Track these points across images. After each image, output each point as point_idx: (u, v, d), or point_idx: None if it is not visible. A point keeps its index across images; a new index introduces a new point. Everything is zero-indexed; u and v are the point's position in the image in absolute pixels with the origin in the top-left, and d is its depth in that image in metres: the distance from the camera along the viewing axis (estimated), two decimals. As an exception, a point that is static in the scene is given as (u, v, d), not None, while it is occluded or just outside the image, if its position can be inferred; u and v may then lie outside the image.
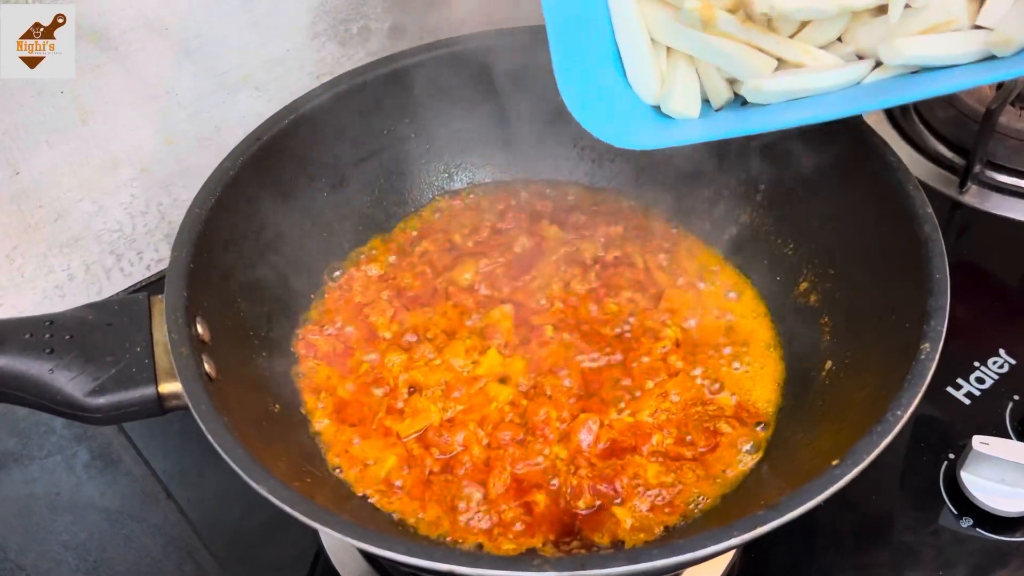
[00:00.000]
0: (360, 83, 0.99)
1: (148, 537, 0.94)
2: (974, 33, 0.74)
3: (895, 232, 0.82)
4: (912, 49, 0.75)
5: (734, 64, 0.80)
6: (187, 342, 0.75)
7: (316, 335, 0.93)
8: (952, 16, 0.74)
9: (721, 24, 0.78)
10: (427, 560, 0.63)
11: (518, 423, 0.86)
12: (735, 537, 0.63)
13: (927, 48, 0.75)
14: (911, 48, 0.75)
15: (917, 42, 0.75)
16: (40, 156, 1.00)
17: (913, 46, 0.75)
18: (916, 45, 0.75)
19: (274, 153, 0.92)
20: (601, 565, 0.61)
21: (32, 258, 1.06)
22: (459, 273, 0.97)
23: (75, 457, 1.01)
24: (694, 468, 0.83)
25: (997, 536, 0.90)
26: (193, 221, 0.83)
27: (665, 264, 0.99)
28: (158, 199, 1.12)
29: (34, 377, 0.74)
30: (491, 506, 0.81)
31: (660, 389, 0.88)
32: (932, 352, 0.72)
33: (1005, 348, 1.03)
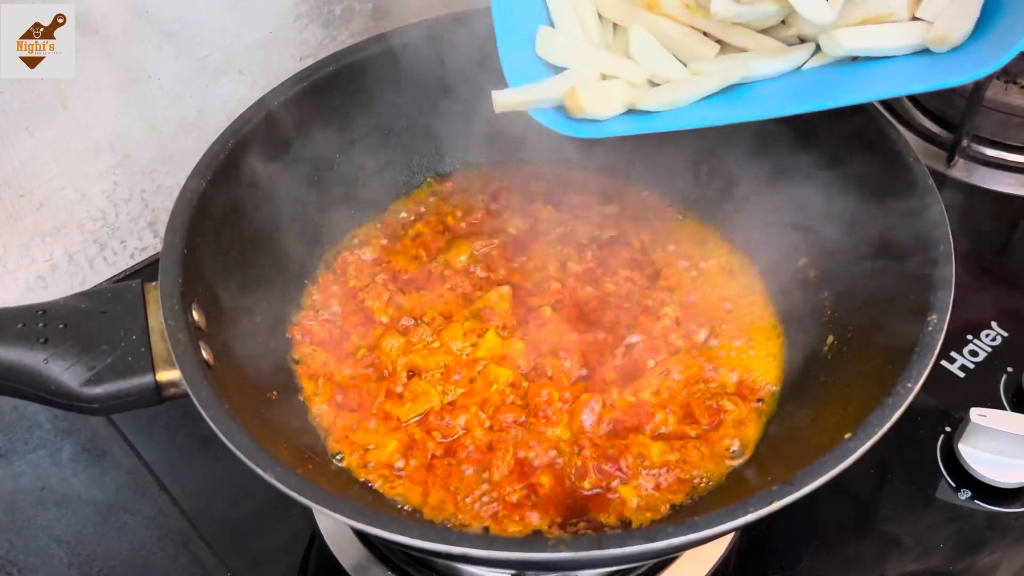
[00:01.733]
0: (347, 65, 0.97)
1: (142, 529, 0.92)
2: (913, 25, 0.76)
3: (895, 205, 0.82)
4: (852, 41, 0.76)
5: (677, 45, 0.82)
6: (184, 328, 0.73)
7: (311, 320, 0.92)
8: (892, 8, 0.76)
9: (665, 6, 0.81)
10: (441, 544, 0.62)
11: (519, 405, 0.85)
12: (751, 513, 0.63)
13: (866, 40, 0.77)
14: (851, 40, 0.76)
15: (856, 33, 0.76)
16: (21, 143, 0.98)
17: (852, 38, 0.76)
18: (855, 37, 0.76)
19: (263, 137, 0.91)
20: (619, 544, 0.61)
21: (14, 248, 1.04)
22: (454, 255, 0.96)
23: (62, 451, 0.99)
24: (698, 446, 0.82)
25: (995, 507, 0.90)
26: (185, 205, 0.81)
27: (661, 243, 0.98)
28: (141, 186, 1.10)
29: (28, 368, 0.72)
30: (495, 489, 0.80)
31: (661, 368, 0.87)
32: (940, 322, 0.72)
33: (997, 321, 1.04)
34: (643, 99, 0.79)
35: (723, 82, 0.79)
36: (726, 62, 0.81)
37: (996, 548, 0.89)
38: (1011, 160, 1.18)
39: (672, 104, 0.79)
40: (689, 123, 0.78)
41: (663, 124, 0.79)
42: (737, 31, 0.81)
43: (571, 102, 0.79)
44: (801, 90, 0.78)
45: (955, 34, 0.74)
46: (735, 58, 0.81)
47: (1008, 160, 1.18)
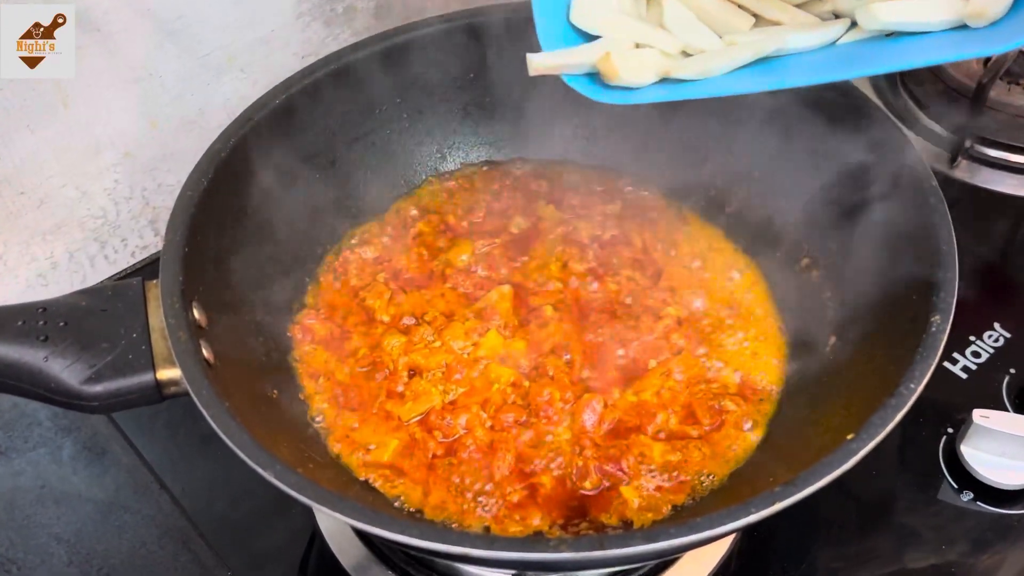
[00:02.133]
0: (349, 63, 0.97)
1: (142, 527, 0.92)
2: (950, 0, 0.74)
3: (898, 205, 0.81)
4: (888, 15, 0.75)
5: (712, 18, 0.81)
6: (185, 327, 0.73)
7: (312, 319, 0.92)
8: None
9: None
10: (441, 544, 0.62)
11: (521, 405, 0.85)
12: (753, 514, 0.62)
13: (903, 14, 0.75)
14: (887, 14, 0.74)
15: (893, 7, 0.75)
16: (22, 141, 0.98)
17: (889, 12, 0.74)
18: (892, 11, 0.75)
19: (264, 135, 0.91)
20: (620, 544, 0.60)
21: (14, 246, 1.04)
22: (455, 254, 0.96)
23: (62, 449, 0.99)
24: (700, 446, 0.82)
25: (998, 509, 0.90)
26: (186, 203, 0.81)
27: (664, 242, 0.98)
28: (142, 184, 1.10)
29: (28, 365, 0.72)
30: (496, 489, 0.80)
31: (663, 368, 0.87)
32: (943, 324, 0.72)
33: (1000, 322, 1.04)
34: (677, 68, 0.78)
35: (758, 53, 0.77)
36: (761, 34, 0.79)
37: (998, 550, 0.88)
38: (1014, 161, 1.18)
39: (705, 73, 0.77)
40: (722, 91, 0.77)
41: (696, 92, 0.77)
42: (773, 4, 0.79)
43: (605, 67, 0.77)
44: (835, 60, 0.76)
45: (993, 9, 0.72)
46: (770, 31, 0.79)
47: (1011, 161, 1.17)
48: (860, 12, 0.76)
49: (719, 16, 0.80)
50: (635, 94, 0.78)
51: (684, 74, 0.77)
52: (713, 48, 0.79)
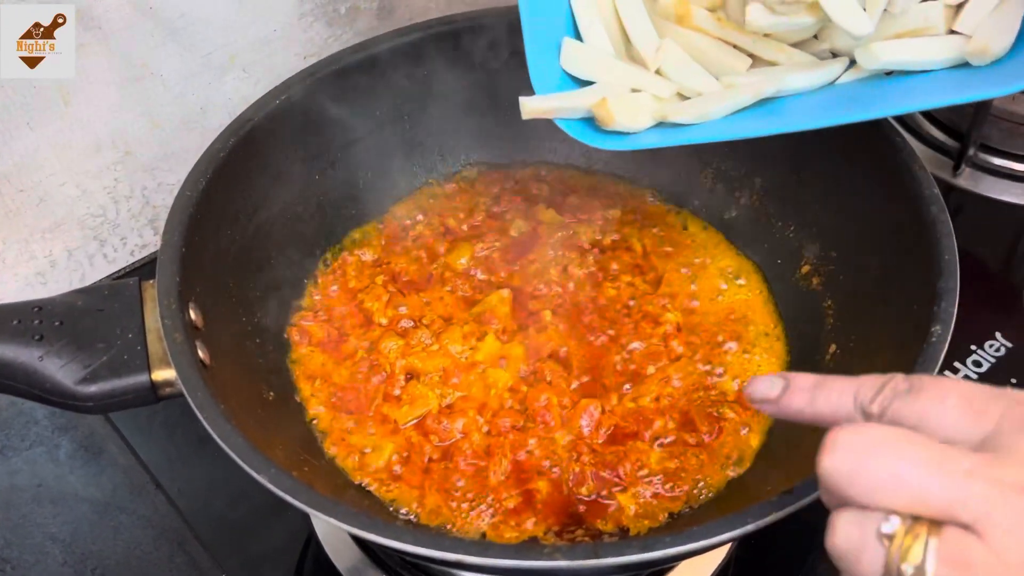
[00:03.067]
0: (350, 64, 0.97)
1: (137, 528, 0.92)
2: (950, 38, 0.74)
3: (900, 214, 0.81)
4: (888, 54, 0.75)
5: (708, 59, 0.80)
6: (181, 328, 0.73)
7: (310, 321, 0.92)
8: (930, 22, 0.74)
9: (697, 20, 0.79)
10: (436, 550, 0.61)
11: (518, 410, 0.85)
12: (750, 524, 0.62)
13: (903, 53, 0.75)
14: (887, 53, 0.75)
15: (893, 47, 0.75)
16: (22, 139, 0.98)
17: (889, 51, 0.75)
18: (892, 50, 0.75)
19: (264, 135, 0.90)
20: (615, 553, 0.60)
21: (13, 244, 1.04)
22: (455, 258, 0.96)
23: (59, 448, 0.99)
24: (698, 454, 0.82)
25: (996, 519, 0.89)
26: (184, 203, 0.81)
27: (664, 248, 0.97)
28: (142, 183, 1.10)
29: (23, 365, 0.72)
30: (492, 494, 0.80)
31: (662, 374, 0.87)
32: (944, 334, 0.71)
33: (1002, 332, 1.03)
34: (673, 112, 0.78)
35: (756, 95, 0.77)
36: (759, 75, 0.79)
37: (996, 561, 0.88)
38: (1018, 169, 1.17)
39: (703, 117, 0.77)
40: (720, 135, 0.77)
41: (693, 136, 0.77)
42: (769, 45, 0.79)
43: (601, 112, 0.77)
44: (835, 103, 0.75)
45: (995, 47, 0.72)
46: (768, 71, 0.79)
47: (1015, 169, 1.17)
48: (860, 51, 0.76)
49: (715, 57, 0.80)
50: (631, 140, 0.78)
51: (681, 118, 0.77)
52: (709, 90, 0.79)
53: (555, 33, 0.84)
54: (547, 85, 0.81)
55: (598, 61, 0.81)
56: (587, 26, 0.83)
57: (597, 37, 0.83)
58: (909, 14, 0.74)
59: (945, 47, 0.74)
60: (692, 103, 0.78)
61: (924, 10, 0.74)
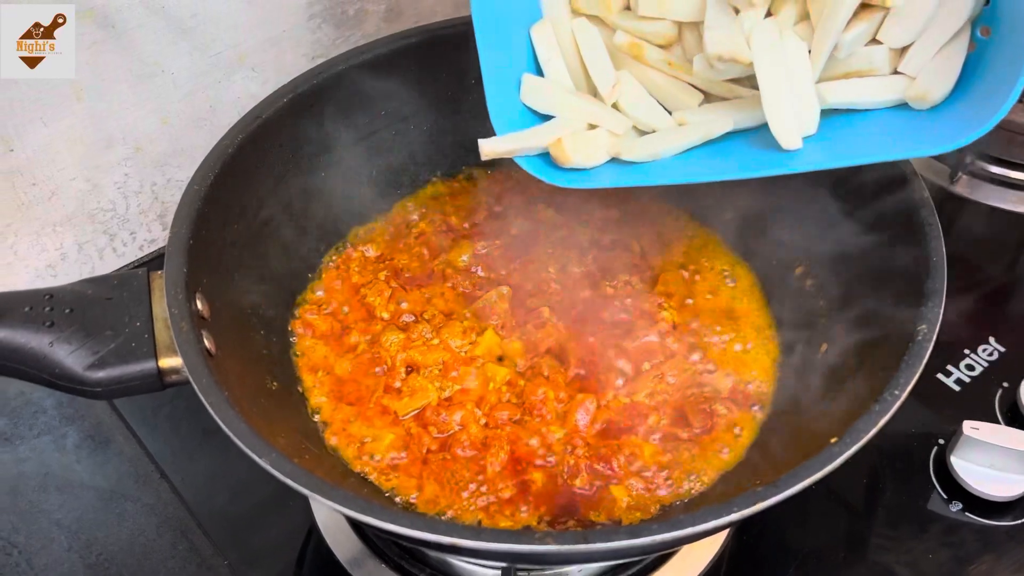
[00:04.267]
0: (355, 65, 0.98)
1: (141, 516, 0.93)
2: (894, 78, 0.78)
3: (892, 217, 0.82)
4: (834, 96, 0.78)
5: (662, 93, 0.84)
6: (187, 317, 0.75)
7: (313, 314, 0.93)
8: (874, 64, 0.78)
9: (649, 57, 0.83)
10: (431, 534, 0.63)
11: (515, 403, 0.86)
12: (735, 513, 0.63)
13: (848, 94, 0.78)
14: (834, 95, 0.78)
15: (839, 88, 0.78)
16: (35, 133, 1.00)
17: (836, 92, 0.78)
18: (838, 92, 0.78)
19: (272, 132, 0.92)
20: (604, 539, 0.61)
21: (25, 236, 1.06)
22: (456, 255, 0.98)
23: (66, 437, 1.00)
24: (690, 448, 0.83)
25: (986, 520, 0.91)
26: (192, 197, 0.83)
27: (661, 248, 0.99)
28: (152, 179, 1.12)
29: (34, 350, 0.73)
30: (488, 484, 0.81)
31: (656, 371, 0.88)
32: (929, 333, 0.72)
33: (995, 336, 1.05)
34: (626, 151, 0.81)
35: (705, 135, 0.81)
36: (710, 112, 0.82)
37: (985, 561, 0.89)
38: (1014, 177, 1.18)
39: (656, 156, 0.81)
40: (674, 179, 0.80)
41: (648, 178, 0.81)
42: (720, 84, 0.82)
43: (557, 153, 0.81)
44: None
45: (934, 93, 0.76)
46: (719, 107, 0.82)
47: (1011, 177, 1.18)
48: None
49: (669, 92, 0.84)
50: (588, 179, 0.81)
51: (633, 157, 0.81)
52: (662, 126, 0.82)
53: (514, 69, 0.86)
54: (507, 123, 0.84)
55: (557, 96, 0.84)
56: (547, 59, 0.86)
57: (557, 71, 0.86)
58: (854, 57, 0.78)
59: (888, 87, 0.78)
60: (644, 142, 0.82)
61: (868, 53, 0.78)
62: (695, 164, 0.80)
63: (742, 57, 0.76)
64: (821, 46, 0.76)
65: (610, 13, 0.84)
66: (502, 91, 0.85)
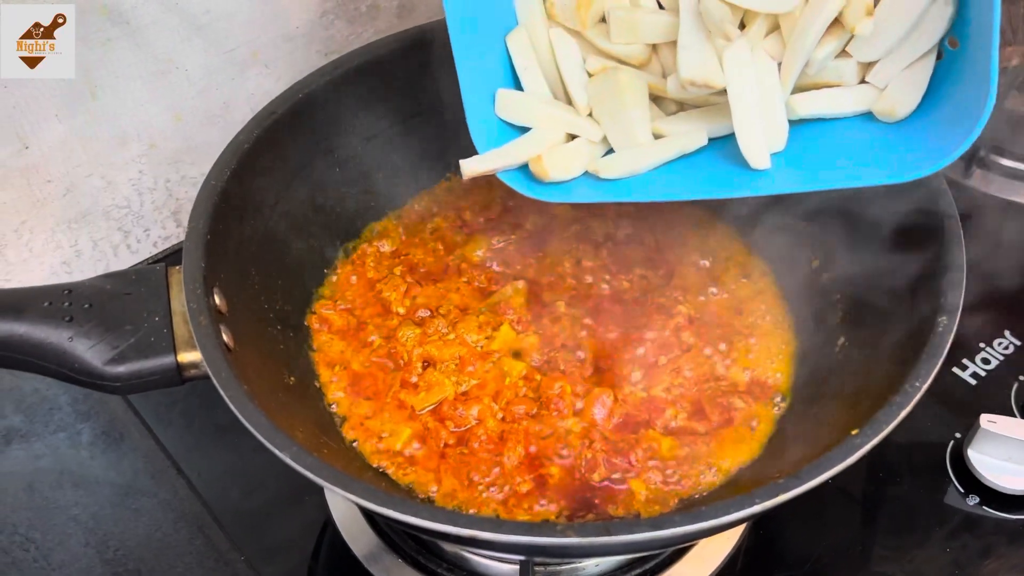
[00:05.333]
0: (369, 60, 0.98)
1: (158, 512, 0.94)
2: (862, 88, 0.80)
3: (909, 209, 0.82)
4: (805, 108, 0.80)
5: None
6: (206, 312, 0.75)
7: (330, 309, 0.93)
8: (843, 77, 0.79)
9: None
10: (451, 526, 0.63)
11: (532, 397, 0.86)
12: (757, 505, 0.63)
13: (818, 105, 0.80)
14: (803, 107, 0.80)
15: (809, 99, 0.80)
16: (49, 130, 1.00)
17: (806, 104, 0.80)
18: (809, 103, 0.80)
19: (287, 128, 0.92)
20: (626, 531, 0.62)
21: (40, 233, 1.06)
22: (471, 250, 0.98)
23: (81, 433, 1.01)
24: (708, 442, 0.83)
25: (1003, 514, 0.91)
26: (209, 193, 0.83)
27: (676, 242, 0.99)
28: (166, 176, 1.12)
29: (53, 345, 0.74)
30: (506, 478, 0.81)
31: (673, 365, 0.88)
32: (949, 324, 0.72)
33: (1011, 330, 1.04)
34: (604, 168, 0.82)
35: (680, 150, 0.82)
36: (684, 123, 0.83)
37: (1002, 554, 0.89)
38: (1029, 171, 1.18)
39: (632, 172, 0.82)
40: (652, 196, 0.81)
41: (626, 194, 0.82)
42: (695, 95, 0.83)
43: (536, 169, 0.82)
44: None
45: (901, 109, 0.78)
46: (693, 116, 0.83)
47: (1025, 171, 1.18)
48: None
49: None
50: (568, 193, 0.82)
51: (611, 174, 0.82)
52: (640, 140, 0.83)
53: (492, 80, 0.87)
54: (487, 140, 0.85)
55: (531, 108, 0.85)
56: (523, 68, 0.86)
57: (533, 80, 0.86)
58: (824, 70, 0.79)
59: (857, 99, 0.79)
60: (620, 157, 0.83)
61: (838, 66, 0.79)
62: (671, 180, 0.81)
63: (715, 83, 0.78)
64: (792, 65, 0.78)
65: (585, 28, 0.84)
66: (481, 104, 0.86)
